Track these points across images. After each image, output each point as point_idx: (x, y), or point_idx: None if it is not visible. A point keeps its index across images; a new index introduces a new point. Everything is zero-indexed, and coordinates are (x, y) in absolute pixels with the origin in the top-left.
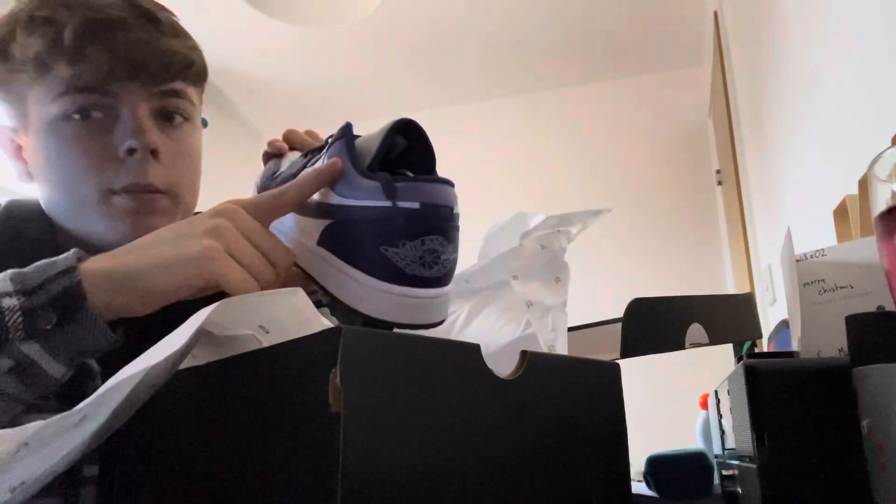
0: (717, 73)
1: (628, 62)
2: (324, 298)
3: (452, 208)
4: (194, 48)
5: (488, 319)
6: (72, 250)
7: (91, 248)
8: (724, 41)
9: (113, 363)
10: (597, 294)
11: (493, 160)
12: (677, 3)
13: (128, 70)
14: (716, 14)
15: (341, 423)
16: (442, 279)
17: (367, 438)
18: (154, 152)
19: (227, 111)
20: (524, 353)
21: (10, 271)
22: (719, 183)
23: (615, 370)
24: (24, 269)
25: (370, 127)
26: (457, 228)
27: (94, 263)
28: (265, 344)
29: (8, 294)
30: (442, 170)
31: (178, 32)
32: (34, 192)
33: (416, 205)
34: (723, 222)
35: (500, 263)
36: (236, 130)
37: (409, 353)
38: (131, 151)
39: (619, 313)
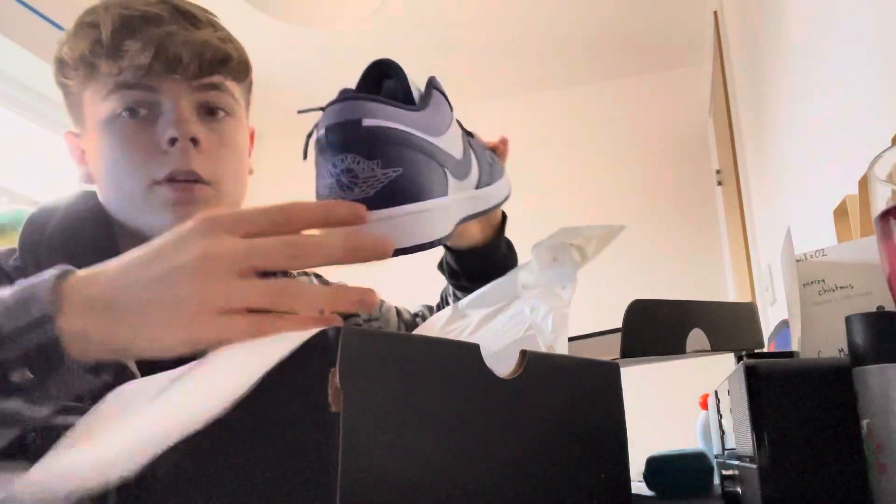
0: (717, 73)
1: (628, 62)
2: None
3: (357, 121)
4: (229, 41)
5: (494, 325)
6: (51, 272)
7: (145, 240)
8: (724, 41)
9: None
10: (596, 293)
11: None
12: (677, 3)
13: (164, 63)
14: (716, 14)
15: (341, 423)
16: (374, 199)
17: (366, 438)
18: (195, 141)
19: None
20: (523, 353)
21: None
22: (719, 183)
23: (615, 370)
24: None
25: None
26: (373, 142)
27: (76, 291)
28: None
29: None
30: None
31: (213, 26)
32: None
33: (322, 131)
34: (723, 222)
35: (512, 279)
36: None
37: (408, 353)
38: (173, 141)
39: (619, 312)
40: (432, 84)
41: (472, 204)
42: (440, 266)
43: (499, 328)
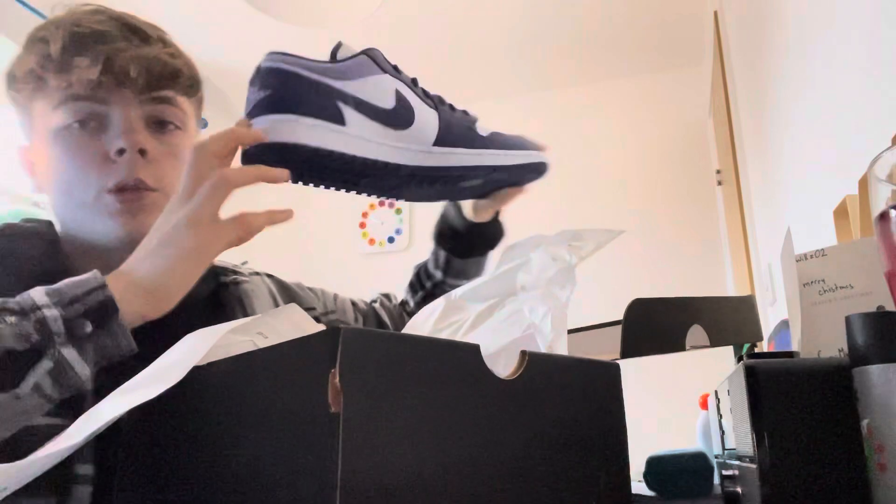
0: (717, 73)
1: (628, 62)
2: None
3: (260, 65)
4: (179, 56)
5: (491, 324)
6: (91, 272)
7: (95, 250)
8: (724, 41)
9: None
10: (596, 293)
11: None
12: (677, 3)
13: (113, 78)
14: (716, 14)
15: (340, 423)
16: (251, 112)
17: (366, 439)
18: (142, 151)
19: (227, 111)
20: (523, 353)
21: (41, 288)
22: (719, 183)
23: (615, 370)
24: (55, 286)
25: None
26: (260, 74)
27: (115, 279)
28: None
29: (48, 306)
30: None
31: (163, 42)
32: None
33: None
34: (723, 222)
35: (510, 275)
36: None
37: (408, 353)
38: (121, 152)
39: (619, 313)
40: (364, 52)
41: (423, 157)
42: (439, 235)
43: (496, 327)
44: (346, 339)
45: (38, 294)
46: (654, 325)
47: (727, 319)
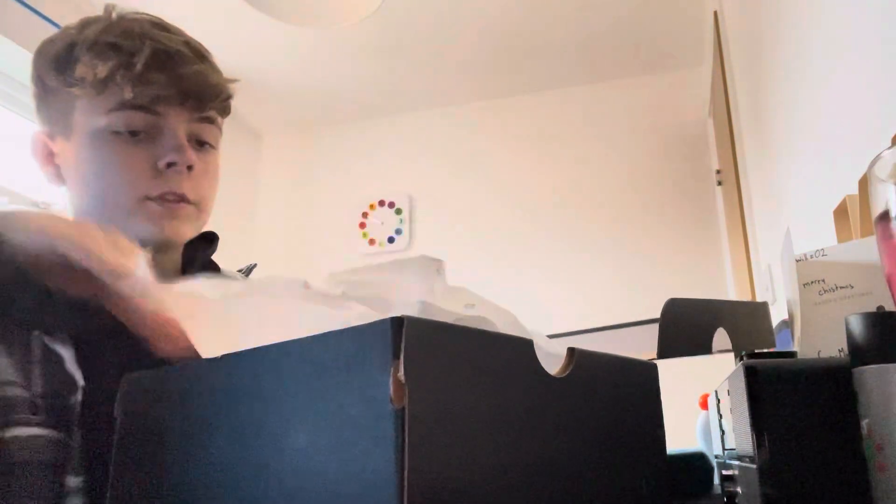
0: (717, 73)
1: (628, 62)
2: None
3: None
4: (221, 76)
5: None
6: None
7: None
8: (724, 41)
9: (96, 377)
10: (596, 294)
11: (492, 160)
12: (677, 3)
13: (180, 96)
14: (716, 14)
15: (406, 419)
16: None
17: (432, 436)
18: (190, 168)
19: None
20: (571, 350)
21: None
22: (719, 183)
23: (653, 369)
24: None
25: (370, 128)
26: None
27: None
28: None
29: None
30: (440, 170)
31: (210, 63)
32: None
33: None
34: (723, 222)
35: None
36: (235, 131)
37: (468, 346)
38: (170, 165)
39: (618, 313)
40: None
41: None
42: None
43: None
44: (409, 330)
45: None
46: (688, 327)
47: (743, 324)
